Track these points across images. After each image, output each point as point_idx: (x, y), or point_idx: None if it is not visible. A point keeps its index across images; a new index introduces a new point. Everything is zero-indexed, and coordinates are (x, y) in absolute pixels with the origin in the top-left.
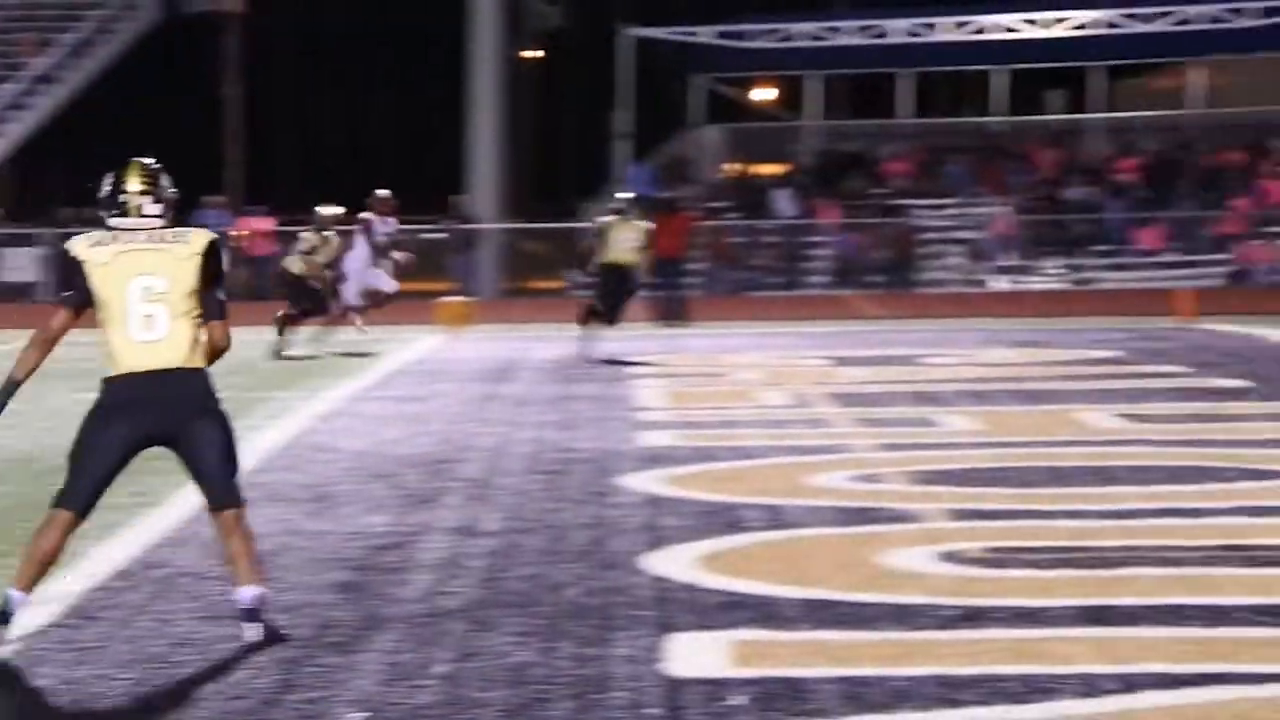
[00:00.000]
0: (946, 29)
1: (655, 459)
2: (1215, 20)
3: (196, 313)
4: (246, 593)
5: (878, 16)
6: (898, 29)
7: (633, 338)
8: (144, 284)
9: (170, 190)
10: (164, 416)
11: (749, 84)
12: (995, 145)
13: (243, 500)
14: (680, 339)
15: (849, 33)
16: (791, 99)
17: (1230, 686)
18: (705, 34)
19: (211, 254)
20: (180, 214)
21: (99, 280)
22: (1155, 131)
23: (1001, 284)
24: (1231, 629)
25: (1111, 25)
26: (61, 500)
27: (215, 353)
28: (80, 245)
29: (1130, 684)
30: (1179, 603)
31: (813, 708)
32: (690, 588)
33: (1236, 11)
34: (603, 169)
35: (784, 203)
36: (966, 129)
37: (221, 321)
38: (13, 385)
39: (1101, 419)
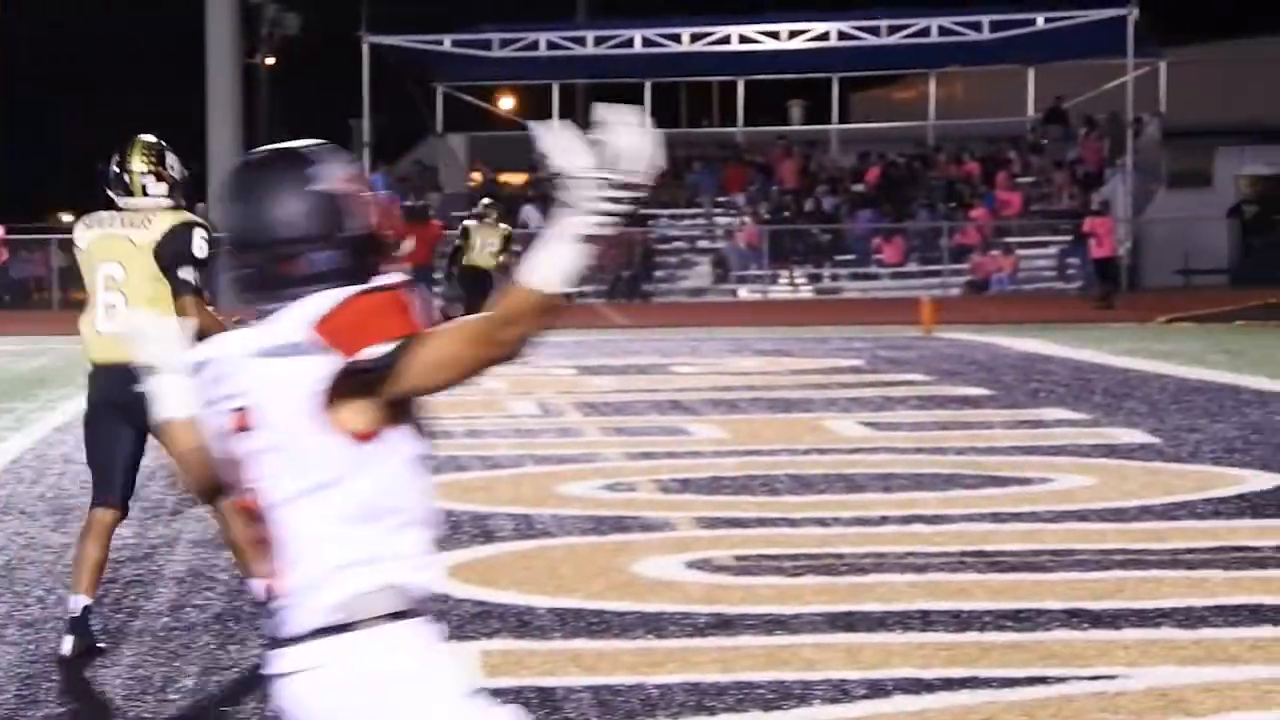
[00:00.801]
0: (688, 39)
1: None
2: (950, 34)
3: (163, 300)
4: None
5: (621, 26)
6: (640, 39)
7: None
8: (107, 271)
9: (175, 169)
10: (134, 411)
11: (493, 92)
12: (738, 155)
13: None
14: None
15: (592, 42)
16: (536, 107)
17: (977, 691)
18: (447, 42)
19: (172, 237)
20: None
21: (80, 265)
22: (894, 142)
23: (747, 293)
24: (977, 634)
25: (849, 38)
26: (95, 500)
27: (201, 329)
28: (78, 226)
29: (879, 689)
30: (925, 608)
31: (565, 717)
32: (441, 598)
33: (971, 25)
34: None
35: (533, 214)
36: (709, 139)
37: (189, 297)
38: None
39: (846, 427)
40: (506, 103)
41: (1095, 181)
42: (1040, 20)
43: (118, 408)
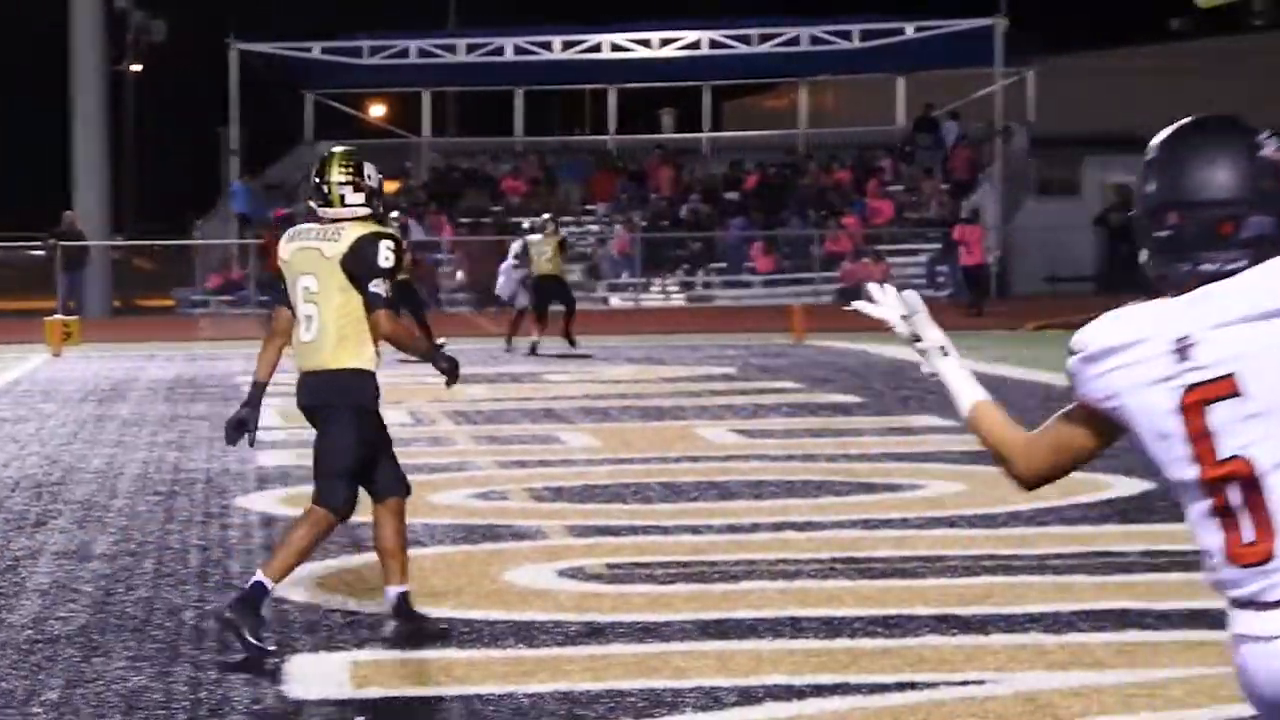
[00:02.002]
0: (560, 47)
1: (273, 479)
2: (821, 43)
3: (346, 312)
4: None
5: (492, 34)
6: (512, 47)
7: (249, 356)
8: (304, 284)
9: (373, 179)
10: (319, 412)
11: (363, 100)
12: (611, 164)
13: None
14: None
15: (463, 50)
16: (407, 115)
17: (847, 697)
18: (316, 49)
19: (358, 249)
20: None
21: (286, 277)
22: (766, 151)
23: (618, 301)
24: (848, 640)
25: (721, 46)
26: (317, 499)
27: (391, 343)
28: (283, 238)
29: (750, 696)
30: (796, 615)
31: None
32: (310, 608)
33: (841, 34)
34: (215, 186)
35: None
36: (581, 147)
37: (382, 311)
38: (259, 388)
39: (718, 435)
40: (377, 110)
41: (965, 190)
42: (910, 29)
43: (322, 411)
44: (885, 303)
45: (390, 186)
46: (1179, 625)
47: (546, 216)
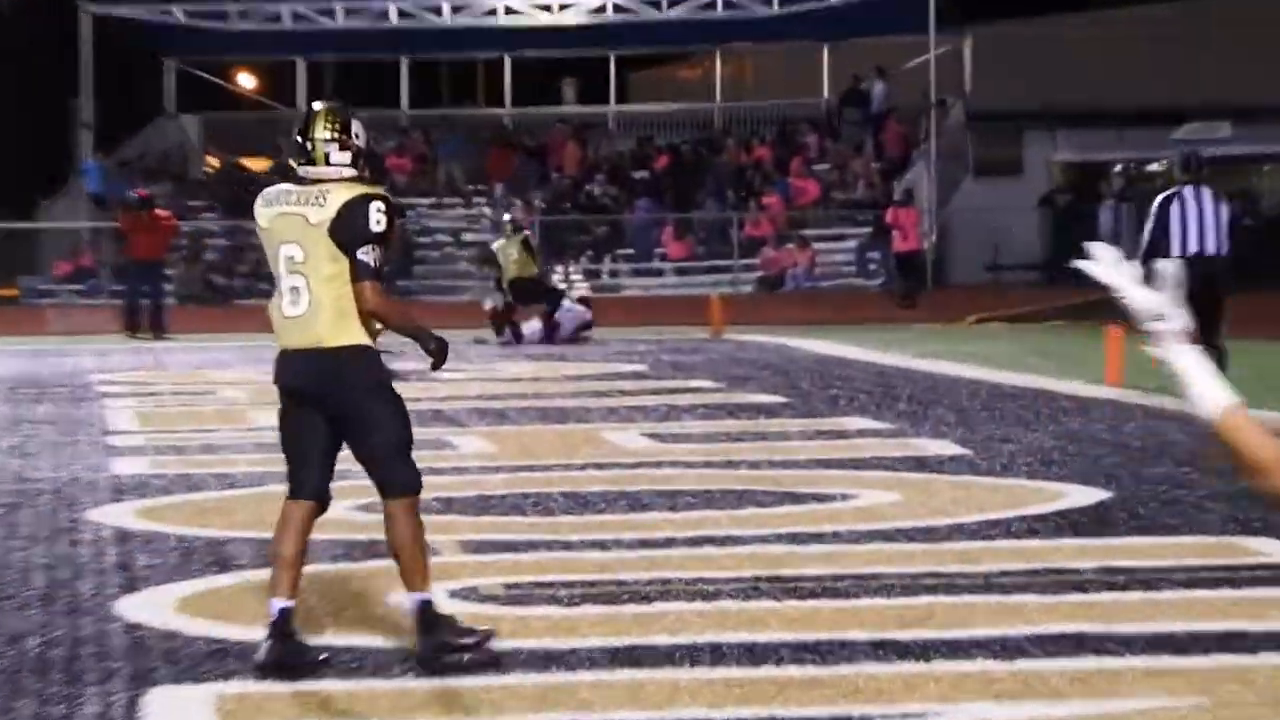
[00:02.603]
0: (449, 12)
1: (129, 489)
2: (736, 8)
3: (343, 283)
4: (413, 597)
5: None
6: (395, 10)
7: (102, 351)
8: (287, 253)
9: (361, 137)
10: (324, 400)
11: (230, 69)
12: (507, 140)
13: (415, 488)
14: (158, 352)
15: (341, 14)
16: (278, 86)
17: None
18: (178, 13)
19: (349, 214)
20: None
21: (263, 245)
22: (677, 126)
23: None
24: (773, 668)
25: (627, 12)
26: (291, 492)
27: (376, 317)
28: (258, 203)
29: None
30: (716, 640)
31: None
32: (171, 635)
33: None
34: (64, 163)
35: None
36: (474, 121)
37: (369, 282)
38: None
39: (628, 439)
40: (246, 80)
41: (898, 169)
42: None
43: (308, 396)
44: (1112, 265)
45: (258, 165)
46: (1140, 650)
47: (507, 218)
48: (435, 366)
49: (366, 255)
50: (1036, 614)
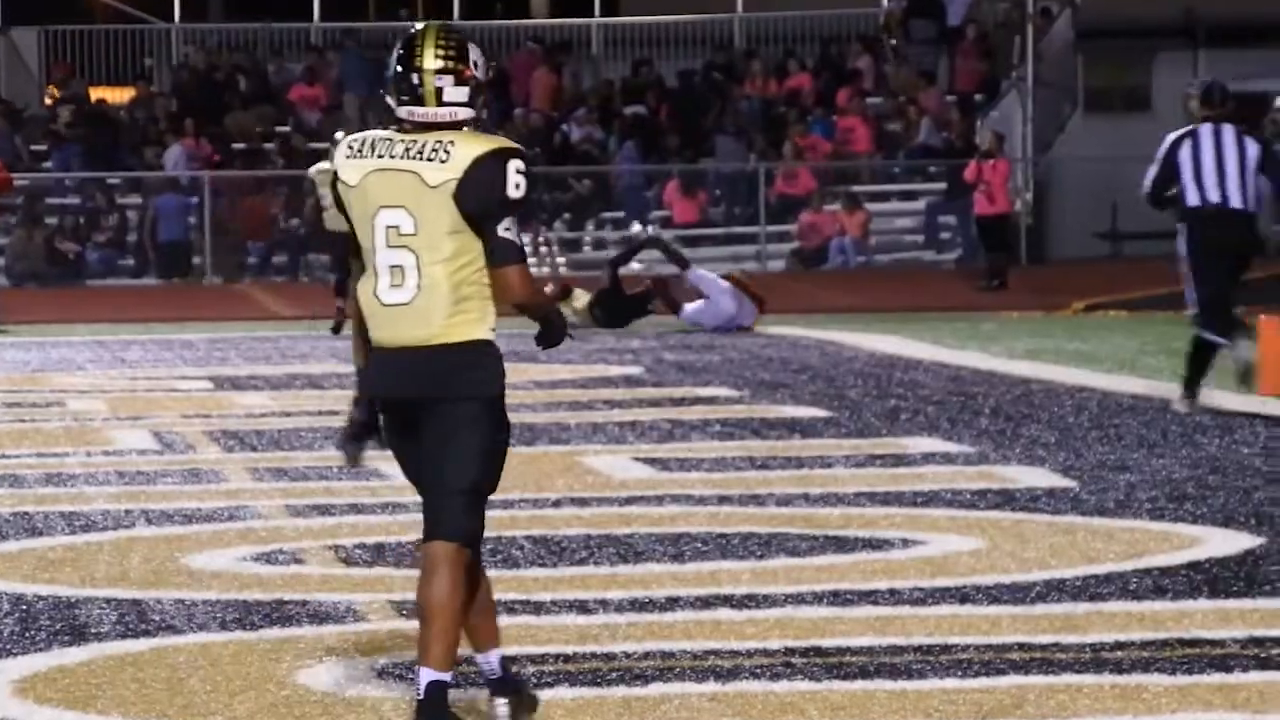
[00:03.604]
0: None
1: None
2: None
3: (465, 261)
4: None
5: None
6: None
7: None
8: (389, 221)
9: (481, 67)
10: (433, 407)
11: None
12: None
13: (470, 539)
14: None
15: None
16: None
17: None
18: None
19: (482, 174)
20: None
21: (350, 209)
22: (686, 45)
23: None
24: None
25: None
26: (426, 533)
27: (526, 311)
28: (340, 153)
29: None
30: None
31: None
32: None
33: None
34: None
35: (175, 153)
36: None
37: (515, 266)
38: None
39: (618, 465)
40: None
41: (981, 104)
42: None
43: (414, 406)
44: None
45: (122, 94)
46: None
47: (339, 136)
48: (548, 345)
49: (509, 231)
50: (1163, 700)
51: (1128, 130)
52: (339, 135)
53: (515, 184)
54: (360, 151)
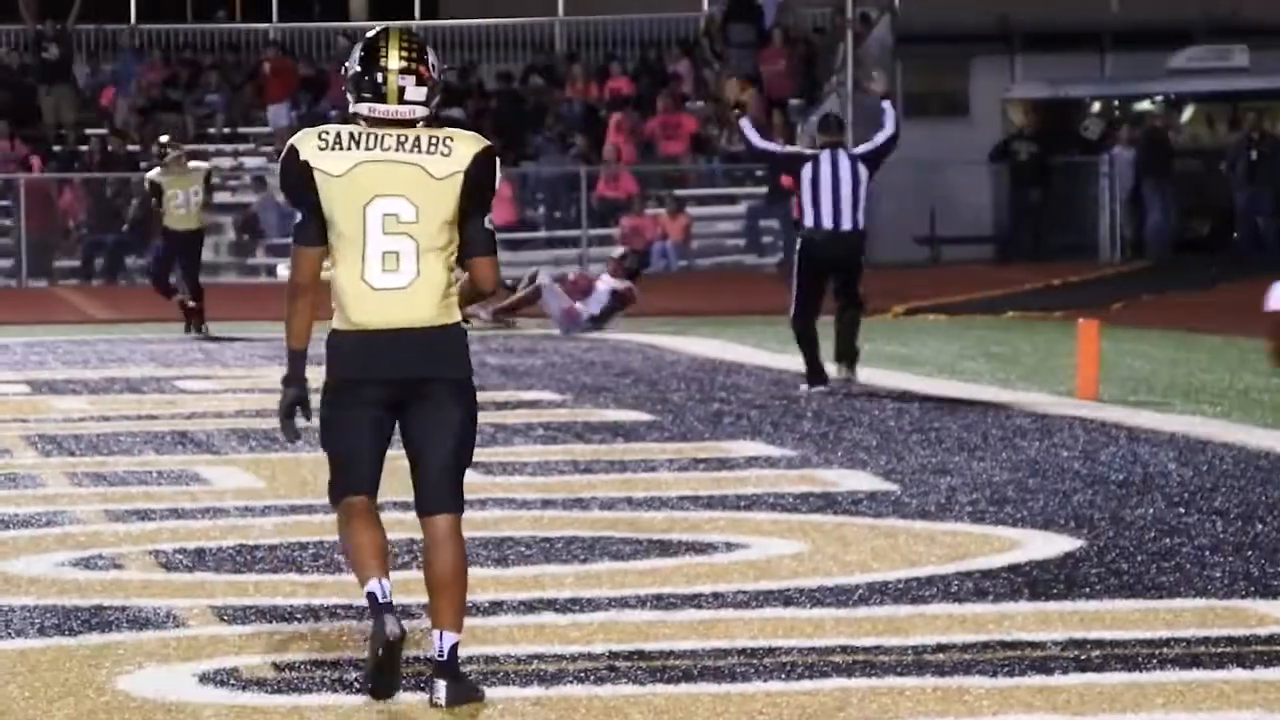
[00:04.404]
0: None
1: None
2: None
3: (453, 250)
4: (446, 638)
5: None
6: None
7: None
8: (388, 209)
9: (438, 72)
10: (417, 387)
11: None
12: (273, 65)
13: (462, 506)
14: None
15: None
16: None
17: None
18: None
19: (481, 170)
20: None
21: (330, 198)
22: (508, 48)
23: (287, 271)
24: None
25: None
26: (350, 488)
27: (475, 295)
28: (308, 145)
29: None
30: None
31: None
32: None
33: None
34: None
35: None
36: (231, 38)
37: (488, 258)
38: (299, 357)
39: None
40: None
41: (801, 108)
42: None
43: (368, 382)
44: None
45: None
46: None
47: (167, 140)
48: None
49: (491, 224)
50: (984, 701)
51: (945, 136)
52: (164, 138)
53: (497, 181)
54: (336, 144)
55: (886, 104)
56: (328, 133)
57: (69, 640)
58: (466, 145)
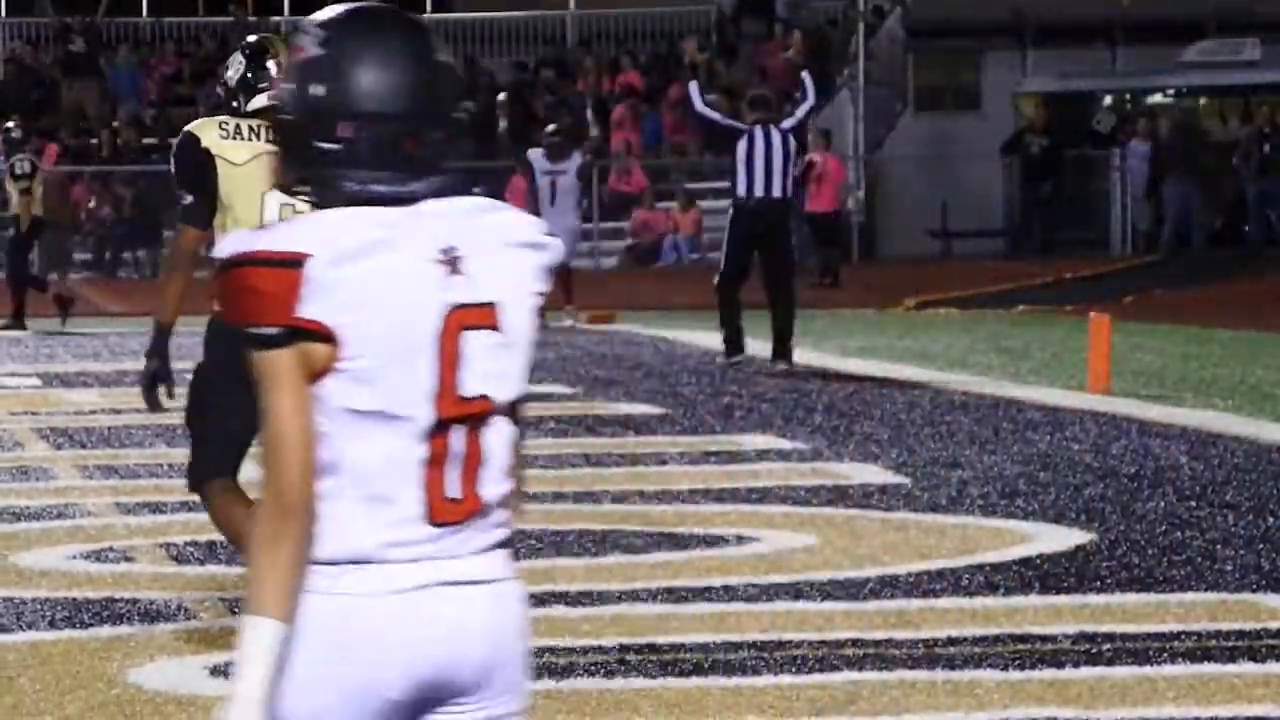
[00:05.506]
0: None
1: None
2: None
3: None
4: None
5: None
6: None
7: None
8: (284, 198)
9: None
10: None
11: None
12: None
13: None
14: None
15: None
16: None
17: None
18: None
19: None
20: None
21: (232, 187)
22: (517, 41)
23: None
24: None
25: None
26: (212, 474)
27: None
28: (210, 133)
29: None
30: None
31: None
32: None
33: None
34: None
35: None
36: (238, 31)
37: None
38: (164, 332)
39: None
40: None
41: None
42: None
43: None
44: None
45: None
46: None
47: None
48: None
49: None
50: (994, 695)
51: (957, 129)
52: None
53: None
54: (234, 134)
55: (805, 75)
56: (228, 123)
57: (80, 633)
58: None
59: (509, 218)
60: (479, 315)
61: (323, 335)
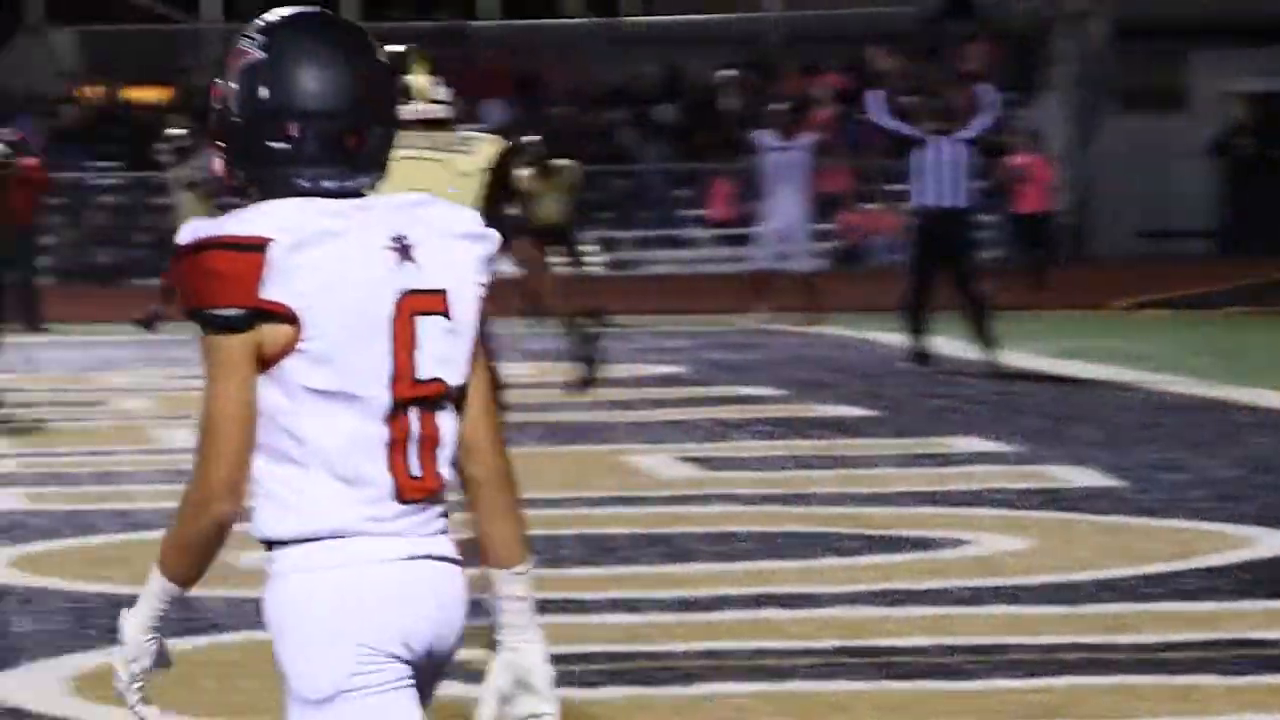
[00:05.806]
0: None
1: None
2: None
3: None
4: None
5: None
6: None
7: None
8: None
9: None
10: None
11: None
12: (480, 58)
13: None
14: (28, 348)
15: None
16: None
17: None
18: None
19: (504, 167)
20: None
21: None
22: (715, 44)
23: (508, 267)
24: None
25: None
26: None
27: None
28: None
29: None
30: None
31: None
32: None
33: None
34: None
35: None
36: (436, 34)
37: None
38: None
39: (661, 464)
40: None
41: (1017, 103)
42: None
43: None
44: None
45: (157, 94)
46: None
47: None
48: None
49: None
50: (1217, 701)
51: (1165, 130)
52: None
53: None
54: None
55: (984, 88)
56: None
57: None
58: (488, 145)
59: (451, 211)
60: (430, 301)
61: (284, 317)
